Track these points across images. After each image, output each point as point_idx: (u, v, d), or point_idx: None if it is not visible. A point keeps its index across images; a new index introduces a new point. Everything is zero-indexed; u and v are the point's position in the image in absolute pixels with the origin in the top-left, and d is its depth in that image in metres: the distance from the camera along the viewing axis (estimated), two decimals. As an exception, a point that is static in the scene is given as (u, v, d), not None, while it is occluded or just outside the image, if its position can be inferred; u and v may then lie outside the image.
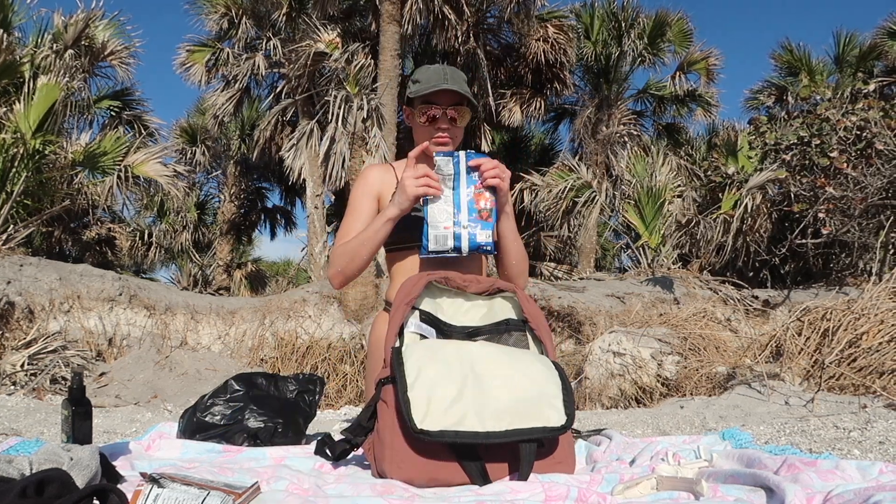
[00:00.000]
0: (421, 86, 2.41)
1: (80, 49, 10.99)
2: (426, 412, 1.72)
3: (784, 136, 9.12)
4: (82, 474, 1.47)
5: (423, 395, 1.74)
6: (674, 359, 5.85)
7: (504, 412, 1.74)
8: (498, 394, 1.77)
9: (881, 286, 5.35)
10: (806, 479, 1.53)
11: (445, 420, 1.71)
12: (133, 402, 5.73)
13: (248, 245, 21.46)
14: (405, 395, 1.75)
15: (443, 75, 2.41)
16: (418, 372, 1.79)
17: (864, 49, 14.22)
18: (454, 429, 1.70)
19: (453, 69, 2.48)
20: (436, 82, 2.38)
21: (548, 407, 1.79)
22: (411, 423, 1.70)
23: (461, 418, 1.71)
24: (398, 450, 1.75)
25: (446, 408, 1.72)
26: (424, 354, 1.85)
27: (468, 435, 1.70)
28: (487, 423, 1.72)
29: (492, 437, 1.71)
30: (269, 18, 13.45)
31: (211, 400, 2.52)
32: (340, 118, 10.77)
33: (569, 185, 11.16)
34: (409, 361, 1.83)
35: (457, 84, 2.39)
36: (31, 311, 6.85)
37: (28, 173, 8.64)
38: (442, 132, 2.42)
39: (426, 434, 1.69)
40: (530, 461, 1.73)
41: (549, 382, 1.85)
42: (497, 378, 1.80)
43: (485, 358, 1.85)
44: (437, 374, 1.78)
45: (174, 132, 17.26)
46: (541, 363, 1.92)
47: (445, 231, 2.18)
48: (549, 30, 13.97)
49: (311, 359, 7.78)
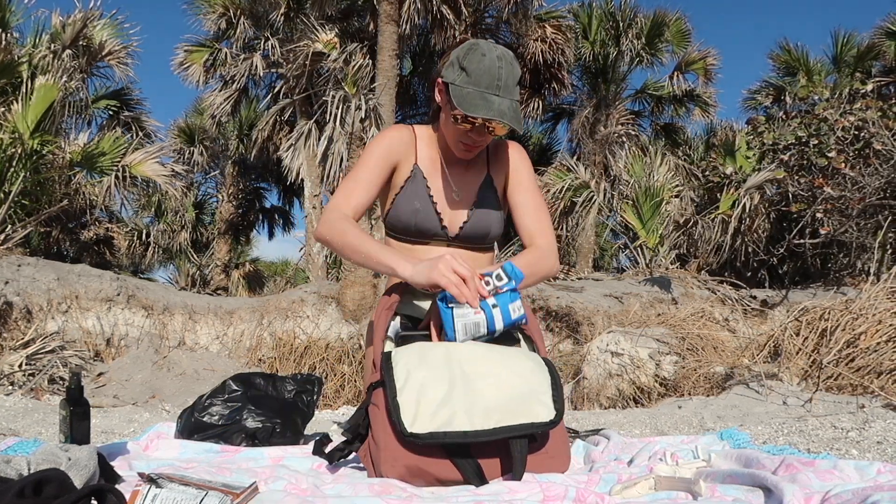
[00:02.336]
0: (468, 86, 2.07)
1: (78, 49, 10.97)
2: (415, 415, 1.73)
3: (782, 136, 9.12)
4: (80, 474, 1.47)
5: (413, 399, 1.75)
6: (672, 359, 5.85)
7: (493, 410, 1.75)
8: (487, 392, 1.77)
9: (879, 286, 5.35)
10: (804, 479, 1.53)
11: (434, 422, 1.72)
12: (131, 403, 5.72)
13: (246, 245, 21.43)
14: (395, 401, 1.76)
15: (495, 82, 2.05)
16: (407, 375, 1.80)
17: (862, 49, 14.24)
18: (443, 430, 1.71)
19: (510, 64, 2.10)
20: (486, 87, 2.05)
21: (536, 403, 1.79)
22: (401, 427, 1.72)
23: (450, 419, 1.72)
24: (392, 450, 1.76)
25: (435, 410, 1.73)
26: (413, 358, 1.85)
27: (457, 435, 1.71)
28: (476, 422, 1.73)
29: (480, 435, 1.72)
30: (267, 18, 13.45)
31: (209, 400, 2.52)
32: (338, 118, 10.77)
33: (567, 185, 11.17)
34: (398, 366, 1.84)
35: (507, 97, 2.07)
36: (28, 312, 6.84)
37: (26, 173, 8.63)
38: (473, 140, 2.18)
39: (416, 437, 1.71)
40: (523, 457, 1.75)
41: (537, 379, 1.86)
42: (486, 377, 1.81)
43: (473, 357, 1.85)
44: (426, 377, 1.79)
45: (172, 132, 17.25)
46: (530, 360, 1.92)
47: (476, 317, 1.90)
48: (547, 30, 13.96)
49: (309, 359, 7.77)
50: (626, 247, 11.49)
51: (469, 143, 2.19)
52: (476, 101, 2.05)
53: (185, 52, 14.27)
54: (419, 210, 2.22)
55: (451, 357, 1.84)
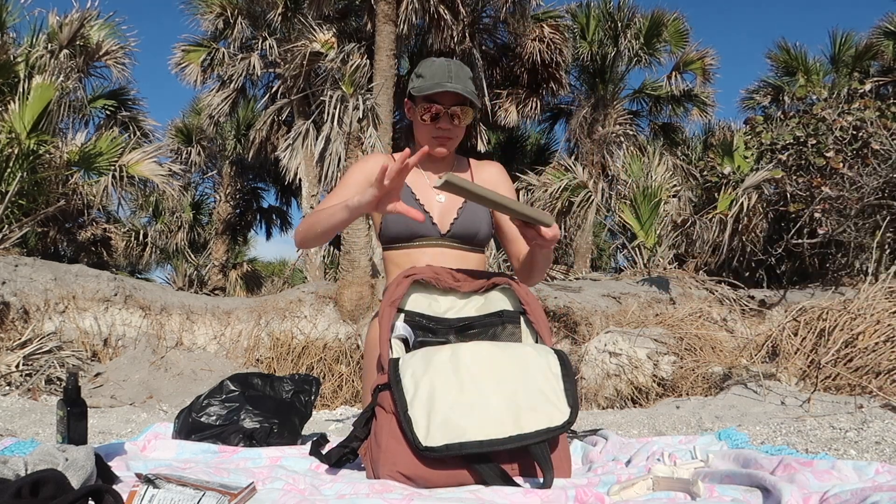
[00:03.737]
0: (424, 83, 2.35)
1: (75, 49, 10.97)
2: (427, 428, 1.71)
3: (780, 135, 9.12)
4: (77, 475, 1.46)
5: (423, 411, 1.73)
6: (670, 359, 5.85)
7: (506, 416, 1.72)
8: (496, 398, 1.74)
9: (877, 286, 5.36)
10: (802, 479, 1.53)
11: (448, 434, 1.69)
12: (128, 403, 5.72)
13: (243, 245, 21.44)
14: (406, 414, 1.74)
15: (447, 73, 2.34)
16: (416, 386, 1.78)
17: (860, 49, 14.26)
18: (458, 441, 1.68)
19: (459, 65, 2.42)
20: (440, 80, 2.32)
21: (548, 404, 1.76)
22: (416, 441, 1.70)
23: (464, 429, 1.69)
24: (392, 455, 1.73)
25: (446, 420, 1.71)
26: (419, 366, 1.82)
27: (472, 445, 1.68)
28: (490, 430, 1.70)
29: (496, 444, 1.69)
30: (264, 18, 13.44)
31: (206, 400, 2.52)
32: (336, 118, 10.75)
33: (564, 184, 11.15)
34: (405, 377, 1.81)
35: (461, 84, 2.33)
36: (26, 312, 6.83)
37: (23, 173, 8.62)
38: (443, 131, 2.38)
39: (431, 451, 1.68)
40: (548, 461, 1.71)
41: (547, 376, 1.82)
42: (494, 381, 1.77)
43: (480, 360, 1.81)
44: (434, 386, 1.76)
45: (169, 132, 17.24)
46: (538, 356, 1.87)
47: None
48: (545, 30, 13.96)
49: (306, 359, 7.77)
50: (624, 247, 11.49)
51: (440, 135, 2.39)
52: (432, 87, 2.32)
53: (183, 51, 14.26)
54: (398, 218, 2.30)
55: (458, 360, 1.80)
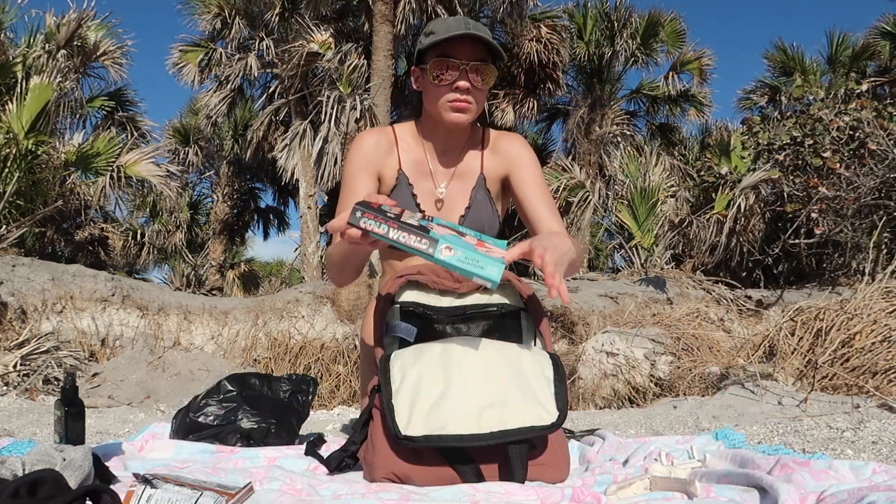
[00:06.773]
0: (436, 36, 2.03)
1: (73, 49, 10.97)
2: (409, 417, 1.67)
3: (777, 136, 9.12)
4: (75, 475, 1.46)
5: (407, 401, 1.70)
6: (667, 359, 5.86)
7: (490, 412, 1.67)
8: (483, 394, 1.69)
9: (874, 286, 5.37)
10: (799, 479, 1.53)
11: (429, 424, 1.65)
12: (126, 403, 5.71)
13: (241, 245, 21.42)
14: (389, 403, 1.71)
15: (464, 23, 2.02)
16: (402, 377, 1.75)
17: (857, 49, 14.29)
18: (438, 433, 1.64)
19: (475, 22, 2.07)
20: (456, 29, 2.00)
21: (536, 404, 1.70)
22: (395, 429, 1.66)
23: (445, 422, 1.65)
24: (387, 455, 1.72)
25: (429, 412, 1.67)
26: (409, 359, 1.79)
27: (452, 438, 1.64)
28: (471, 425, 1.65)
29: (476, 439, 1.64)
30: (261, 18, 13.45)
31: (204, 400, 2.51)
32: (333, 118, 10.77)
33: (562, 185, 11.15)
34: (394, 368, 1.78)
35: (482, 32, 2.01)
36: (23, 312, 6.83)
37: (20, 173, 8.61)
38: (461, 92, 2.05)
39: (410, 440, 1.65)
40: (523, 463, 1.67)
41: (539, 377, 1.76)
42: (483, 377, 1.73)
43: (471, 356, 1.76)
44: (421, 378, 1.73)
45: (167, 132, 17.26)
46: (532, 358, 1.81)
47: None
48: (542, 30, 13.98)
49: (304, 359, 7.76)
50: (622, 247, 11.48)
51: (457, 100, 2.08)
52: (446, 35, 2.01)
53: (180, 52, 14.26)
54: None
55: (449, 355, 1.76)
